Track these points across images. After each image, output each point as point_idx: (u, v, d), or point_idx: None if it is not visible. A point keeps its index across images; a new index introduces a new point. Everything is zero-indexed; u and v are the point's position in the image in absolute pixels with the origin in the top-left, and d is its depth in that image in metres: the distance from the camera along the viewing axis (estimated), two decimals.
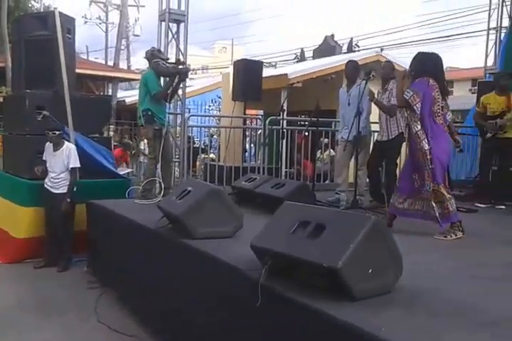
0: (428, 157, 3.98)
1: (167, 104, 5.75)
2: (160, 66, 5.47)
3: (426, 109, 3.98)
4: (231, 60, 20.03)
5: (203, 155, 8.79)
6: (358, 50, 15.46)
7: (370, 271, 2.43)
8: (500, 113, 5.97)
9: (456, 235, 4.05)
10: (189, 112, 12.36)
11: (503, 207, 5.86)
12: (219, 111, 13.49)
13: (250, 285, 2.62)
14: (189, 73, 5.85)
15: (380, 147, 5.56)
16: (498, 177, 6.12)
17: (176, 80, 5.62)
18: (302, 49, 17.17)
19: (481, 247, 3.92)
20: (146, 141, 6.61)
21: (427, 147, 3.98)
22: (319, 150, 8.47)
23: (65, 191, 5.30)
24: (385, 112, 5.41)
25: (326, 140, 8.30)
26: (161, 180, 5.40)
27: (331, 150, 8.34)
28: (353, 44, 15.84)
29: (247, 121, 9.62)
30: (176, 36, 6.02)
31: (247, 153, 8.17)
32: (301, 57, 16.71)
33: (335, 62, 9.77)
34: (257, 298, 2.49)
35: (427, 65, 4.10)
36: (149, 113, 5.47)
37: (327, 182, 7.70)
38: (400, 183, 4.35)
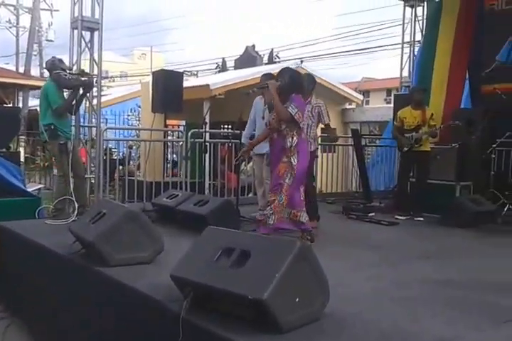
0: (293, 172, 4.08)
1: (80, 117, 5.39)
2: (61, 77, 5.10)
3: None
4: (150, 68, 19.59)
5: (121, 168, 8.41)
6: (279, 61, 15.62)
7: (297, 299, 2.32)
8: (415, 127, 6.14)
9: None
10: (106, 122, 11.91)
11: (422, 218, 6.01)
12: (139, 120, 13.08)
13: (171, 318, 2.44)
14: (94, 84, 5.51)
15: None
16: (415, 189, 6.28)
17: (81, 92, 5.28)
18: (223, 58, 17.13)
19: (399, 263, 3.93)
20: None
21: (295, 162, 4.09)
22: (243, 163, 8.37)
23: None
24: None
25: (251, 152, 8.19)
26: (73, 199, 5.03)
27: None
28: (274, 55, 15.99)
29: (169, 133, 9.37)
30: (89, 45, 5.68)
31: (169, 166, 7.90)
32: (222, 67, 16.65)
33: (257, 72, 9.76)
34: (178, 333, 2.30)
35: (299, 82, 4.32)
36: (52, 127, 5.09)
37: (251, 195, 7.60)
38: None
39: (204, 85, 9.13)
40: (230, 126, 11.79)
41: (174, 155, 9.05)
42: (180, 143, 7.49)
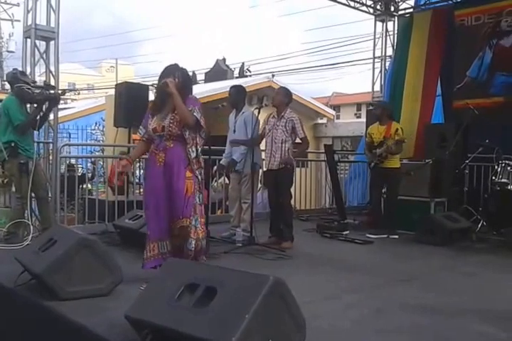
0: (201, 188, 3.45)
1: (35, 132, 5.01)
2: (24, 91, 4.72)
3: None
4: (116, 80, 19.17)
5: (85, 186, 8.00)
6: (250, 75, 15.49)
7: None
8: (380, 142, 6.00)
9: None
10: (69, 137, 11.46)
11: (396, 236, 5.83)
12: (104, 135, 12.66)
13: None
14: (60, 98, 5.13)
15: (270, 177, 5.30)
16: (387, 207, 6.12)
17: (46, 107, 4.91)
18: (194, 71, 16.88)
19: (378, 287, 3.72)
20: None
21: (201, 176, 3.48)
22: (214, 179, 8.09)
23: None
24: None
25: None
26: (29, 222, 4.66)
27: (225, 178, 7.99)
28: (245, 69, 15.86)
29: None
30: (44, 55, 5.32)
31: (135, 184, 7.54)
32: (192, 80, 16.40)
33: (227, 86, 9.54)
34: None
35: (190, 81, 3.78)
36: (13, 145, 4.70)
37: (220, 211, 7.32)
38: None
39: None
40: None
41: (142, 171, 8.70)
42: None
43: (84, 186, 7.12)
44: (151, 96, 8.61)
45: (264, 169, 5.44)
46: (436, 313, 3.08)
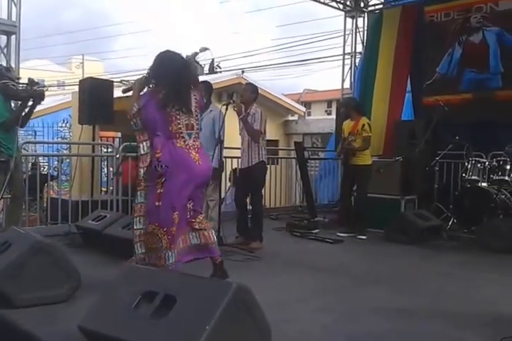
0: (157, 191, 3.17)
1: (18, 129, 4.80)
2: (9, 88, 4.49)
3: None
4: (82, 76, 18.73)
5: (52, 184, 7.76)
6: (220, 72, 15.29)
7: None
8: (346, 138, 5.96)
9: None
10: (35, 135, 11.13)
11: (364, 237, 5.73)
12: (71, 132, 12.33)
13: None
14: (44, 95, 4.94)
15: (241, 175, 5.19)
16: (357, 205, 6.06)
17: (30, 103, 4.72)
18: None
19: (349, 289, 3.64)
20: None
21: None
22: None
23: None
24: (249, 134, 4.95)
25: None
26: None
27: None
28: (215, 65, 15.62)
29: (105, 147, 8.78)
30: (5, 50, 5.09)
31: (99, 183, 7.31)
32: None
33: None
34: None
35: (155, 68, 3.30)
36: None
37: None
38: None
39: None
40: None
41: (111, 169, 8.47)
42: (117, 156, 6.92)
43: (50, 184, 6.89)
44: (117, 93, 8.41)
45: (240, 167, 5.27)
46: (409, 316, 3.00)
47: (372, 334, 2.69)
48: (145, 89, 3.30)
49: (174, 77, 3.17)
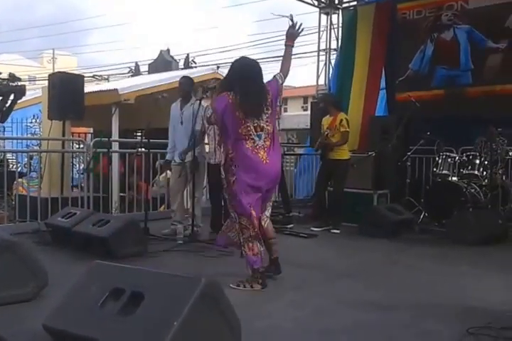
0: (233, 188, 3.44)
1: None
2: None
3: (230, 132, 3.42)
4: (53, 71, 18.38)
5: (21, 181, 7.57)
6: (195, 67, 15.20)
7: None
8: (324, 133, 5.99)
9: (252, 287, 3.36)
10: (4, 131, 10.86)
11: (338, 231, 5.76)
12: (41, 128, 12.06)
13: None
14: (25, 90, 4.84)
15: (213, 171, 5.15)
16: (332, 200, 6.10)
17: (11, 98, 4.62)
18: (137, 63, 16.44)
19: (322, 284, 3.65)
20: None
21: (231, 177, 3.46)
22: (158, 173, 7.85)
23: None
24: None
25: (163, 161, 7.70)
26: None
27: (169, 172, 7.76)
28: (190, 60, 15.55)
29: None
30: None
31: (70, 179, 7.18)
32: (135, 71, 15.94)
33: (171, 77, 9.27)
34: None
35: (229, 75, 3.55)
36: None
37: (163, 207, 7.10)
38: None
39: (112, 90, 8.47)
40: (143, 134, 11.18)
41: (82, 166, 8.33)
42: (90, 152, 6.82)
43: (19, 181, 6.73)
44: (89, 88, 8.29)
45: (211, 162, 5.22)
46: (381, 310, 3.02)
47: (344, 327, 2.69)
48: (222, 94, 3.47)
49: (244, 83, 3.37)
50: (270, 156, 3.41)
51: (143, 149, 5.99)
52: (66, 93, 5.97)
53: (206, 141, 5.40)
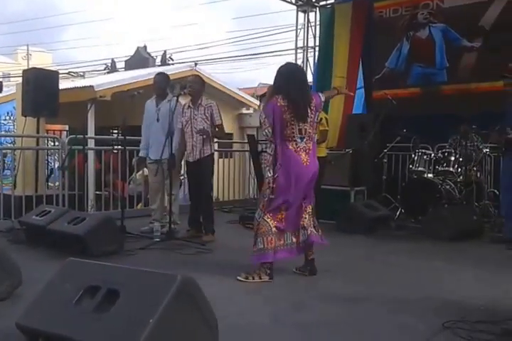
0: (271, 185, 3.59)
1: None
2: None
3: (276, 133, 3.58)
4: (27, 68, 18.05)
5: None
6: (173, 64, 15.10)
7: None
8: None
9: (260, 278, 3.53)
10: None
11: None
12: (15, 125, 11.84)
13: None
14: (3, 87, 4.72)
15: (191, 168, 5.12)
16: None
17: None
18: (113, 59, 16.23)
19: (299, 279, 3.67)
20: None
21: (270, 174, 3.62)
22: (134, 171, 7.78)
23: None
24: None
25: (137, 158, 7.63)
26: None
27: (145, 170, 7.70)
28: (167, 57, 15.44)
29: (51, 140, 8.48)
30: None
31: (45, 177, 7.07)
32: (112, 68, 15.76)
33: (147, 74, 9.21)
34: None
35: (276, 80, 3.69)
36: None
37: (140, 205, 7.05)
38: None
39: (88, 86, 8.39)
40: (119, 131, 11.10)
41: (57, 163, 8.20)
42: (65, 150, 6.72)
43: None
44: (64, 84, 8.18)
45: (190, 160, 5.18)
46: (357, 304, 3.04)
47: (320, 322, 2.71)
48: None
49: (291, 87, 3.56)
50: (310, 159, 3.62)
51: (119, 147, 5.91)
52: (41, 89, 5.87)
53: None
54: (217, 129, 5.07)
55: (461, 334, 2.47)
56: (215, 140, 5.75)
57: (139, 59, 13.38)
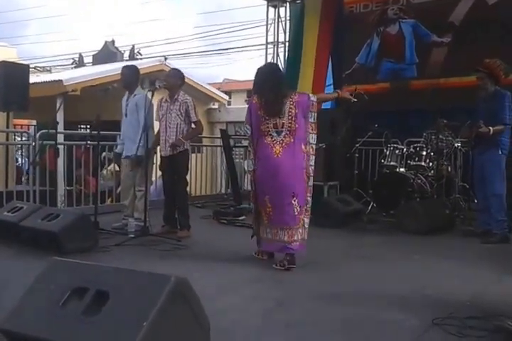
0: (251, 178, 3.95)
1: None
2: None
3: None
4: None
5: None
6: (141, 58, 14.86)
7: None
8: None
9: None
10: None
11: None
12: None
13: None
14: None
15: (165, 164, 5.06)
16: None
17: None
18: (80, 54, 15.84)
19: (279, 275, 3.66)
20: None
21: (251, 168, 3.94)
22: (104, 166, 7.64)
23: None
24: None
25: (110, 154, 7.49)
26: None
27: (115, 165, 7.56)
28: (136, 51, 15.17)
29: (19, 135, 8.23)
30: None
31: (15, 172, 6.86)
32: (79, 63, 15.39)
33: (116, 69, 9.03)
34: None
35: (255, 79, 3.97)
36: None
37: (110, 200, 6.93)
38: None
39: (57, 81, 8.18)
40: (88, 126, 10.89)
41: (26, 159, 7.98)
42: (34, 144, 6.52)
43: None
44: (33, 78, 7.94)
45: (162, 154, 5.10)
46: (340, 301, 3.03)
47: (306, 320, 2.69)
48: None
49: (261, 86, 3.85)
50: (285, 152, 3.73)
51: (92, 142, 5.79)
52: (10, 83, 5.68)
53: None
54: (194, 126, 5.01)
55: (452, 331, 2.46)
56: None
57: (107, 53, 13.13)
